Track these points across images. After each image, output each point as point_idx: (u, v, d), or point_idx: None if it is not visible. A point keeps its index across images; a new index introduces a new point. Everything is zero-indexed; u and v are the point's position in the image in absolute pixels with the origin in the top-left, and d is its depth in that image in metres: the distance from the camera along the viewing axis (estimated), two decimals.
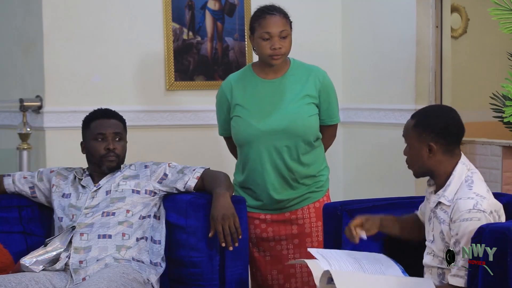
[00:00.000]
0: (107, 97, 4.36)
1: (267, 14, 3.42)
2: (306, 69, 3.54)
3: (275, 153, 3.47)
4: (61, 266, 3.16)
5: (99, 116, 3.43)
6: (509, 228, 2.58)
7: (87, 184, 3.38)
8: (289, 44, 3.45)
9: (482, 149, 4.75)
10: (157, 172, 3.40)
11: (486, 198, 2.75)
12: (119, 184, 3.35)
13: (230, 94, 3.54)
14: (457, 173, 2.83)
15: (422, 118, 2.87)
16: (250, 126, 3.47)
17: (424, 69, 4.64)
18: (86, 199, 3.32)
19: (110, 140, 3.37)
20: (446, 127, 2.85)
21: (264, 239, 3.56)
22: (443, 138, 2.84)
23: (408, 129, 2.89)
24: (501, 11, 4.13)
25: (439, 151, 2.84)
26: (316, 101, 3.51)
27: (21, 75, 4.52)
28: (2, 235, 3.40)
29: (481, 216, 2.69)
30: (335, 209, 3.24)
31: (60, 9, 4.32)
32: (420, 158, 2.86)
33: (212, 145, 4.65)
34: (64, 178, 3.43)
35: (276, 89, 3.50)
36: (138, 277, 3.13)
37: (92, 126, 3.40)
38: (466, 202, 2.73)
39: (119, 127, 3.43)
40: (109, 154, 3.36)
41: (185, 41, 4.56)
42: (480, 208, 2.70)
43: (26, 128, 4.29)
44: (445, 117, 2.88)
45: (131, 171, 3.42)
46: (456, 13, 6.25)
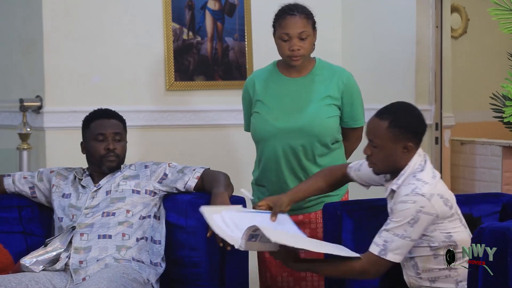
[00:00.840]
0: (107, 97, 4.36)
1: (287, 15, 3.40)
2: (330, 70, 3.51)
3: (290, 152, 3.44)
4: (61, 266, 3.16)
5: (99, 116, 3.42)
6: (509, 228, 2.58)
7: (87, 184, 3.38)
8: (309, 45, 3.41)
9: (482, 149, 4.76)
10: (157, 172, 3.40)
11: (429, 183, 2.79)
12: (119, 184, 3.35)
13: (252, 89, 3.53)
14: (412, 163, 2.85)
15: (396, 118, 2.85)
16: (267, 123, 3.46)
17: (424, 69, 4.64)
18: (86, 199, 3.32)
19: (110, 140, 3.36)
20: (420, 125, 2.91)
21: None
22: (418, 137, 2.88)
23: (380, 130, 2.85)
24: (501, 11, 4.13)
25: (413, 149, 2.86)
26: (338, 102, 3.47)
27: (21, 75, 4.52)
28: (2, 235, 3.39)
29: (417, 199, 2.74)
30: (335, 209, 3.24)
31: (60, 9, 4.32)
32: (393, 158, 2.86)
33: (213, 145, 4.66)
34: (64, 178, 3.43)
35: (298, 88, 3.48)
36: (138, 277, 3.13)
37: (92, 126, 3.39)
38: (406, 187, 2.79)
39: (119, 127, 3.42)
40: (109, 154, 3.36)
41: (185, 41, 4.56)
42: (418, 192, 2.75)
43: (26, 128, 4.28)
44: (417, 116, 2.91)
45: (131, 171, 3.42)
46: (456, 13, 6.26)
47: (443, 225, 2.80)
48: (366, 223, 3.21)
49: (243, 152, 4.65)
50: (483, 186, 5.36)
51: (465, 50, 6.36)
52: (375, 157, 2.88)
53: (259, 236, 2.83)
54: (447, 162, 4.88)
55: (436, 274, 2.84)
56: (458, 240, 2.81)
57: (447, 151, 4.89)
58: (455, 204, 2.86)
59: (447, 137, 4.89)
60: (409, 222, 2.73)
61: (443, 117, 4.70)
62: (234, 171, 4.66)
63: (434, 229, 2.79)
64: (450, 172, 4.99)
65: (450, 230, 2.81)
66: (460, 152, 5.61)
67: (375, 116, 2.89)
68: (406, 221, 2.74)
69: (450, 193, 2.88)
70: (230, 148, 4.69)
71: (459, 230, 2.83)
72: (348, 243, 3.13)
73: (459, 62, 5.79)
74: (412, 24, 4.62)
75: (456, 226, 2.83)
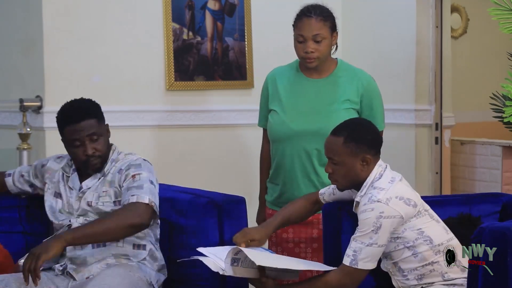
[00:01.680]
0: (107, 97, 4.34)
1: (304, 16, 3.40)
2: (351, 72, 3.51)
3: (305, 155, 3.44)
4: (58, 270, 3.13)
5: (68, 121, 3.17)
6: (509, 228, 2.58)
7: (73, 186, 3.26)
8: (325, 47, 3.41)
9: (482, 149, 4.76)
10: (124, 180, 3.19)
11: (384, 189, 2.87)
12: (100, 196, 3.20)
13: (272, 85, 3.54)
14: (372, 174, 2.94)
15: (352, 133, 2.94)
16: (283, 124, 3.46)
17: (424, 69, 4.65)
18: (73, 203, 3.22)
19: (87, 144, 3.15)
20: (375, 137, 2.99)
21: (284, 239, 3.54)
22: (374, 148, 2.96)
23: (337, 146, 2.94)
24: (501, 11, 4.12)
25: (371, 161, 2.94)
26: (356, 106, 3.47)
27: (21, 75, 4.52)
28: (1, 235, 3.39)
29: (374, 206, 2.83)
30: (334, 210, 3.23)
31: (60, 9, 4.32)
32: (354, 172, 2.95)
33: (212, 145, 4.66)
34: (54, 172, 3.32)
35: (317, 90, 3.48)
36: (142, 276, 3.10)
37: (66, 133, 3.18)
38: (364, 198, 2.90)
39: (93, 125, 3.16)
40: (90, 159, 3.17)
41: (185, 41, 4.55)
42: (374, 199, 2.84)
43: (26, 128, 4.28)
44: (371, 129, 3.01)
45: (110, 176, 3.22)
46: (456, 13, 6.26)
47: (412, 224, 2.88)
48: None
49: (243, 152, 4.65)
50: (483, 186, 5.36)
51: (465, 50, 6.36)
52: (336, 174, 2.98)
53: (240, 260, 2.91)
54: (447, 162, 4.89)
55: (421, 272, 2.90)
56: (432, 235, 2.88)
57: (447, 151, 4.89)
58: (420, 201, 2.93)
59: (447, 137, 4.89)
60: (373, 230, 2.82)
61: (443, 117, 4.70)
62: (234, 171, 4.68)
63: (404, 229, 2.87)
64: (450, 172, 5.00)
65: (420, 226, 2.88)
66: (460, 152, 5.61)
67: (331, 134, 2.99)
68: (370, 230, 2.83)
69: (413, 192, 2.95)
70: (230, 148, 4.69)
71: (429, 225, 2.90)
72: (347, 244, 3.13)
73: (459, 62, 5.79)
74: (412, 24, 4.62)
75: (426, 221, 2.91)
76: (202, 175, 4.56)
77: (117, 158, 3.27)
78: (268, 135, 3.57)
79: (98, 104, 3.27)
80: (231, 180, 4.57)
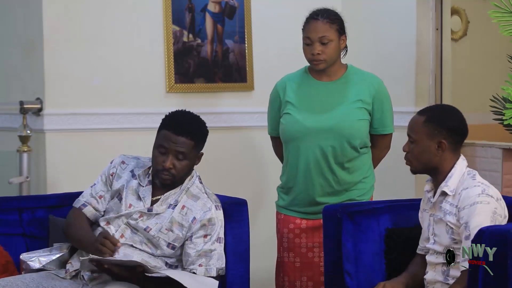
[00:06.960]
0: (107, 100, 4.36)
1: (311, 19, 3.45)
2: (361, 76, 3.55)
3: (320, 153, 3.45)
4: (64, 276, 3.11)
5: (170, 127, 3.12)
6: (509, 231, 2.58)
7: (143, 197, 3.15)
8: (331, 50, 3.44)
9: (482, 152, 4.75)
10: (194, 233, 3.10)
11: (491, 187, 2.85)
12: (160, 230, 3.09)
13: (283, 92, 3.55)
14: (458, 166, 2.90)
15: (435, 115, 2.92)
16: (297, 123, 3.47)
17: (424, 72, 4.65)
18: (133, 213, 3.11)
19: (170, 157, 3.08)
20: (459, 125, 2.94)
21: (297, 244, 3.54)
22: (454, 136, 2.91)
23: (417, 124, 2.92)
24: (501, 14, 4.13)
25: (447, 148, 2.89)
26: (368, 107, 3.49)
27: (21, 77, 4.52)
28: (2, 237, 3.39)
29: (490, 200, 2.79)
30: (335, 212, 3.23)
31: (61, 11, 4.32)
32: (427, 154, 2.91)
33: (213, 147, 4.64)
34: (122, 172, 3.22)
35: (328, 92, 3.50)
36: None
37: (161, 135, 3.13)
38: (473, 189, 2.82)
39: (187, 146, 3.10)
40: (164, 171, 3.09)
41: (185, 44, 4.56)
42: (488, 193, 2.80)
43: (26, 130, 4.28)
44: (457, 116, 2.96)
45: (181, 216, 3.12)
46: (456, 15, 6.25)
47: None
48: (366, 226, 3.20)
49: (244, 154, 4.65)
50: None
51: (465, 52, 6.35)
52: (411, 154, 2.94)
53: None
54: None
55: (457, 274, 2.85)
56: None
57: None
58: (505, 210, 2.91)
59: None
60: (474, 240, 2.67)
61: None
62: (235, 173, 4.67)
63: None
64: None
65: None
66: None
67: (417, 113, 2.98)
68: (489, 221, 2.75)
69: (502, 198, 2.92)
70: (231, 151, 4.68)
71: None
72: (348, 246, 3.13)
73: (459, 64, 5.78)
74: (412, 26, 4.62)
75: None
76: (203, 177, 4.55)
77: (187, 187, 3.19)
78: (281, 137, 3.57)
79: (207, 131, 3.23)
80: (232, 182, 4.56)
